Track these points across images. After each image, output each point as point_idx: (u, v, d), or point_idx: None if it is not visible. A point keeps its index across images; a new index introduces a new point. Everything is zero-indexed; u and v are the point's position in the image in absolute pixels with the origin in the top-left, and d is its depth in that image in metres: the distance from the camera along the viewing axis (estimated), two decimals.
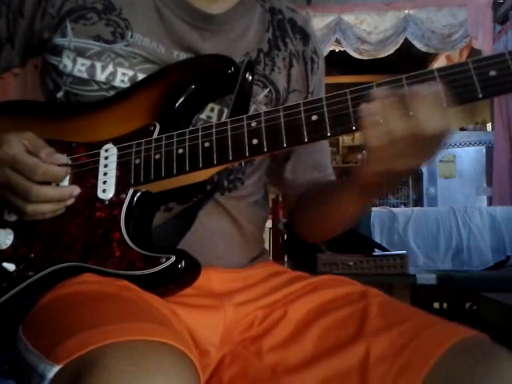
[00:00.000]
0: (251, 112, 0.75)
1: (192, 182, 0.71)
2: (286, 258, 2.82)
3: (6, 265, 0.71)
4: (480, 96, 0.60)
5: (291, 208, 0.96)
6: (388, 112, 0.61)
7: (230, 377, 0.72)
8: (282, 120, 0.66)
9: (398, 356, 0.63)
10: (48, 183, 0.70)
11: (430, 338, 0.63)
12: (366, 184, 0.71)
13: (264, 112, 0.68)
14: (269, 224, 3.17)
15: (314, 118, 0.65)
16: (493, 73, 0.60)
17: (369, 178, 0.69)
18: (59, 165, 0.71)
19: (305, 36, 0.91)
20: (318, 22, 4.80)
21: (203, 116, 0.80)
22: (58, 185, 0.72)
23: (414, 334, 0.64)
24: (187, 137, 0.70)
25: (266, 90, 0.84)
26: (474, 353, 0.60)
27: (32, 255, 0.72)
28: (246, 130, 0.67)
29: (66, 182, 0.73)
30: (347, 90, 0.64)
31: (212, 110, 0.80)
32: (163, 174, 0.70)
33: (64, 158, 0.72)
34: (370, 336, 0.67)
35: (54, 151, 0.72)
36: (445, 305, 3.44)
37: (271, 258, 0.96)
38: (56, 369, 0.51)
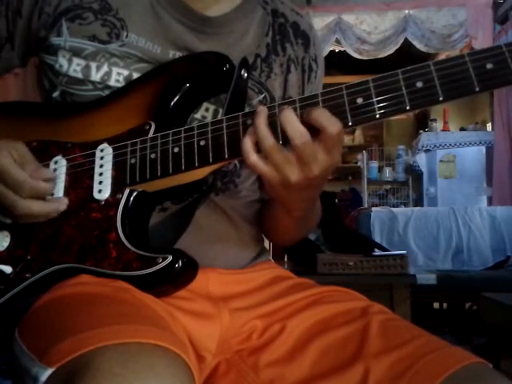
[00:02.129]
0: None
1: (188, 181, 0.70)
2: (286, 258, 2.82)
3: (2, 267, 0.71)
4: (477, 89, 0.60)
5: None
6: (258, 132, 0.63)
7: None
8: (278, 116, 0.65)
9: (398, 381, 0.62)
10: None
11: (429, 364, 0.62)
12: (276, 197, 0.71)
13: None
14: None
15: None
16: (490, 65, 0.59)
17: (269, 190, 0.69)
18: (46, 179, 0.71)
19: (307, 41, 0.89)
20: (318, 22, 4.80)
21: (198, 116, 0.79)
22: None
23: (413, 360, 0.63)
24: (182, 135, 0.69)
25: (261, 96, 0.84)
26: (473, 381, 0.59)
27: (29, 257, 0.71)
28: (241, 127, 0.67)
29: (61, 184, 0.73)
30: (343, 86, 0.64)
31: (207, 109, 0.80)
32: (159, 174, 0.69)
33: (50, 173, 0.72)
34: (370, 358, 0.65)
35: (40, 166, 0.72)
36: (445, 305, 3.43)
37: (271, 257, 0.95)
38: (49, 372, 0.51)
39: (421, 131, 5.41)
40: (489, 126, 5.21)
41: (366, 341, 0.68)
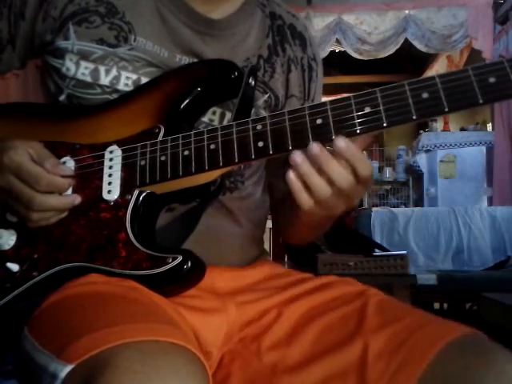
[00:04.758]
0: (252, 116, 0.76)
1: (197, 183, 0.71)
2: (286, 258, 2.82)
3: (9, 265, 0.71)
4: (481, 102, 0.61)
5: (275, 205, 0.97)
6: (307, 177, 0.64)
7: (230, 376, 0.72)
8: (287, 123, 0.67)
9: (396, 354, 0.63)
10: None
11: (427, 335, 0.64)
12: (307, 220, 0.75)
13: (269, 115, 0.69)
14: (269, 224, 3.17)
15: (319, 121, 0.66)
16: (492, 79, 0.61)
17: (309, 222, 0.74)
18: (63, 176, 0.71)
19: (304, 42, 0.92)
20: (319, 23, 4.80)
21: (205, 119, 0.80)
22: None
23: (411, 332, 0.65)
24: (193, 139, 0.70)
25: (266, 96, 0.85)
26: (470, 349, 0.60)
27: (36, 256, 0.72)
28: (251, 132, 0.68)
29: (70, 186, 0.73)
30: (351, 95, 0.66)
31: (214, 113, 0.81)
32: (169, 176, 0.70)
33: (68, 170, 0.73)
34: (368, 334, 0.67)
35: (58, 162, 0.72)
36: (445, 305, 3.43)
37: (271, 258, 0.96)
38: (68, 368, 0.51)
39: (421, 131, 5.41)
40: (489, 126, 5.21)
41: (364, 318, 0.70)
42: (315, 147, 0.64)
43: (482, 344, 0.62)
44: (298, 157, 0.64)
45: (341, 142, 0.63)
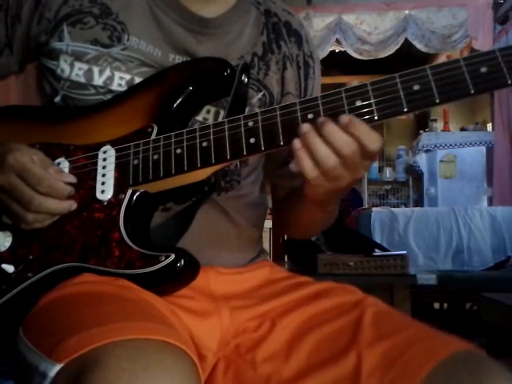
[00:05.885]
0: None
1: (190, 182, 0.71)
2: (286, 258, 2.82)
3: (4, 266, 0.71)
4: (472, 92, 0.61)
5: (277, 203, 0.97)
6: (312, 145, 0.63)
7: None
8: (279, 119, 0.67)
9: (390, 369, 0.63)
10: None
11: (421, 351, 0.63)
12: (315, 200, 0.75)
13: (260, 111, 0.68)
14: (269, 224, 3.17)
15: (310, 116, 0.66)
16: (484, 69, 0.61)
17: (315, 197, 0.73)
18: (65, 182, 0.71)
19: (299, 39, 0.91)
20: (319, 23, 4.80)
21: (199, 118, 0.80)
22: None
23: (406, 347, 0.64)
24: (185, 137, 0.70)
25: (260, 94, 0.85)
26: (464, 366, 0.60)
27: (31, 257, 0.72)
28: (243, 129, 0.68)
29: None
30: (342, 89, 0.66)
31: (208, 111, 0.81)
32: (162, 174, 0.70)
33: (71, 177, 0.73)
34: (363, 347, 0.66)
35: (62, 170, 0.73)
36: (445, 305, 3.43)
37: (271, 258, 0.96)
38: (57, 367, 0.52)
39: (421, 131, 5.41)
40: (489, 126, 5.21)
41: (359, 331, 0.69)
42: (323, 118, 0.64)
43: (476, 361, 0.61)
44: (305, 126, 0.64)
45: (344, 118, 0.63)
